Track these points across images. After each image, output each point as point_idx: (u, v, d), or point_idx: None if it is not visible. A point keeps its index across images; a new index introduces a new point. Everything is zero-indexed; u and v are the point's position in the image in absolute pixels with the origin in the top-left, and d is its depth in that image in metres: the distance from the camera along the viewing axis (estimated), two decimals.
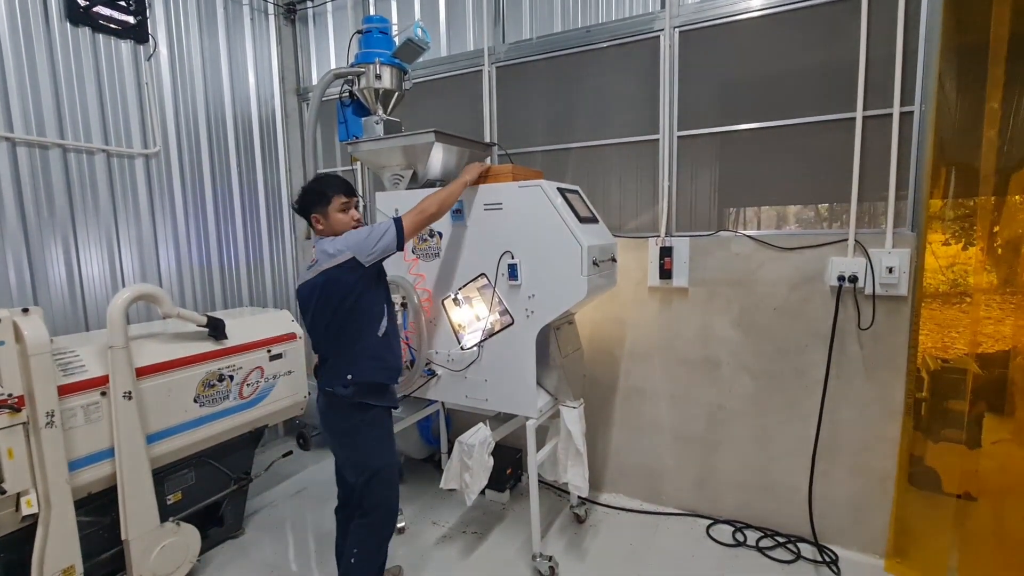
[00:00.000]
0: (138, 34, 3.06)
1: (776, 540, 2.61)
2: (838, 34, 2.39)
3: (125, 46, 3.02)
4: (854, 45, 2.34)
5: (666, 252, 2.75)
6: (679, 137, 2.76)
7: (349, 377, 1.90)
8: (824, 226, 2.56)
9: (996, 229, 2.21)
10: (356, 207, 2.00)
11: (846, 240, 2.41)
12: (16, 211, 2.59)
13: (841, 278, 2.37)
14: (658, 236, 2.80)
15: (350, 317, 1.88)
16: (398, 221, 1.91)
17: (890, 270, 2.28)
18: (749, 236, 2.61)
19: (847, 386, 2.46)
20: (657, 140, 2.80)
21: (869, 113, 2.34)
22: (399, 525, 2.76)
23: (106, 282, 2.95)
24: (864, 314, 2.38)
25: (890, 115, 2.30)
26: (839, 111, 2.41)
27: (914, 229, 2.32)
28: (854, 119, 2.36)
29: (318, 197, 1.91)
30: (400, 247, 1.91)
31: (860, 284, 2.34)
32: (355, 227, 1.95)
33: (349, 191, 1.96)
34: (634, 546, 2.63)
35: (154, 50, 3.15)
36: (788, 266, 2.54)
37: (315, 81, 4.01)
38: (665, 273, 2.76)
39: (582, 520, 2.80)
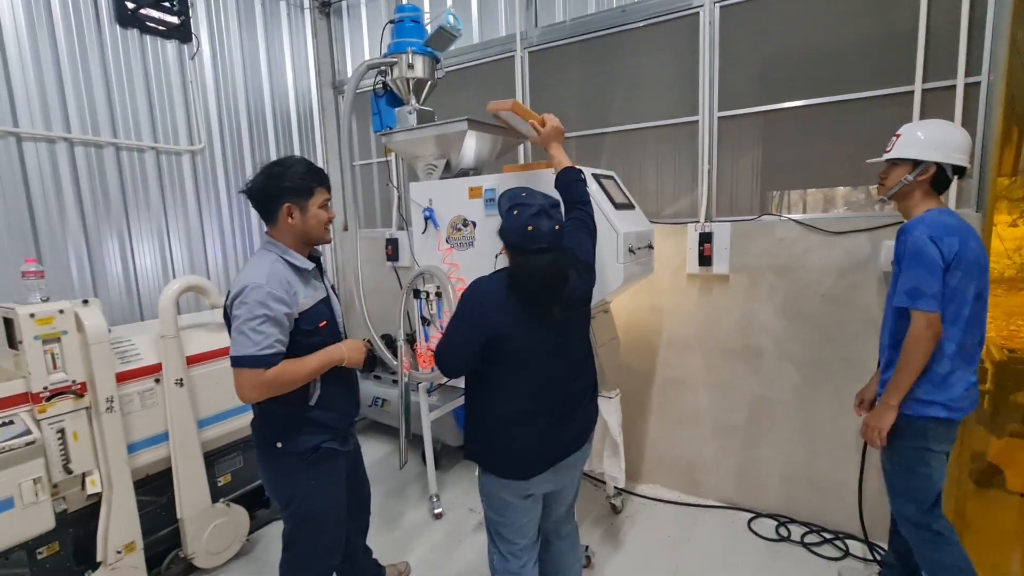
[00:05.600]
0: (182, 34, 3.16)
1: (823, 536, 2.52)
2: (894, 2, 2.22)
3: (170, 46, 3.13)
4: (913, 13, 2.18)
5: (706, 238, 2.66)
6: (720, 118, 2.65)
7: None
8: (876, 209, 2.42)
9: None
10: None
11: (901, 222, 2.26)
12: (76, 208, 2.74)
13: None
14: (697, 222, 2.71)
15: None
16: (246, 361, 1.48)
17: None
18: (795, 220, 2.49)
19: None
20: (696, 122, 2.70)
21: (929, 86, 2.18)
22: (436, 511, 2.80)
23: (158, 274, 3.10)
24: None
25: (953, 87, 2.14)
26: (895, 85, 2.26)
27: (979, 210, 2.16)
28: (912, 93, 2.21)
29: (301, 187, 1.60)
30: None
31: None
32: (327, 227, 1.68)
33: (329, 185, 1.69)
34: (672, 538, 2.59)
35: (197, 49, 3.25)
36: (837, 251, 2.42)
37: (350, 74, 4.06)
38: (705, 260, 2.68)
39: (618, 511, 2.77)
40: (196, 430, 2.29)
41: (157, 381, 2.22)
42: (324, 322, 1.67)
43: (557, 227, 1.53)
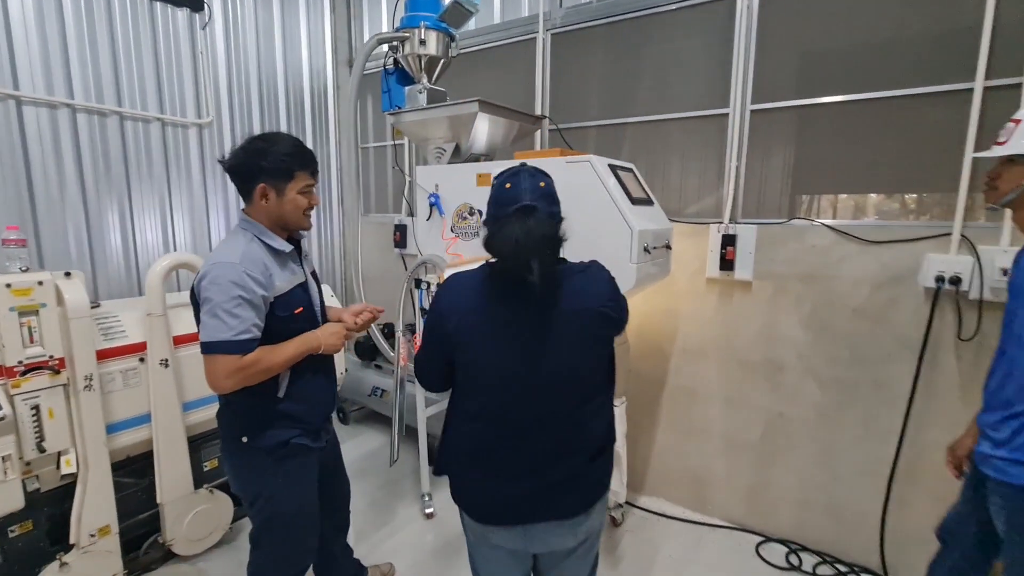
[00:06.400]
0: (194, 2, 3.06)
1: (837, 568, 2.33)
2: None
3: (181, 14, 3.03)
4: (979, 4, 1.95)
5: (729, 240, 2.48)
6: (752, 111, 2.45)
7: None
8: (911, 219, 2.21)
9: None
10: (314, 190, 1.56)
11: (949, 234, 2.05)
12: (76, 178, 2.67)
13: (940, 279, 2.02)
14: (721, 222, 2.52)
15: None
16: (221, 347, 1.37)
17: (1004, 272, 1.92)
18: (828, 226, 2.29)
19: (937, 404, 2.13)
20: (727, 114, 2.51)
21: (993, 83, 1.96)
22: (428, 511, 2.69)
23: (159, 248, 3.02)
24: (967, 322, 2.03)
25: (1019, 85, 1.91)
26: (951, 81, 2.04)
27: None
28: (971, 90, 1.99)
29: (280, 168, 1.46)
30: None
31: (964, 287, 1.99)
32: (307, 213, 1.54)
33: (316, 170, 1.55)
34: (674, 557, 2.43)
35: (209, 19, 3.15)
36: (874, 262, 2.21)
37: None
38: (726, 264, 2.49)
39: (618, 523, 2.63)
40: (181, 413, 2.20)
41: (142, 360, 2.13)
42: (300, 308, 1.55)
43: (542, 184, 1.23)
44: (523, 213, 1.18)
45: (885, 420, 2.23)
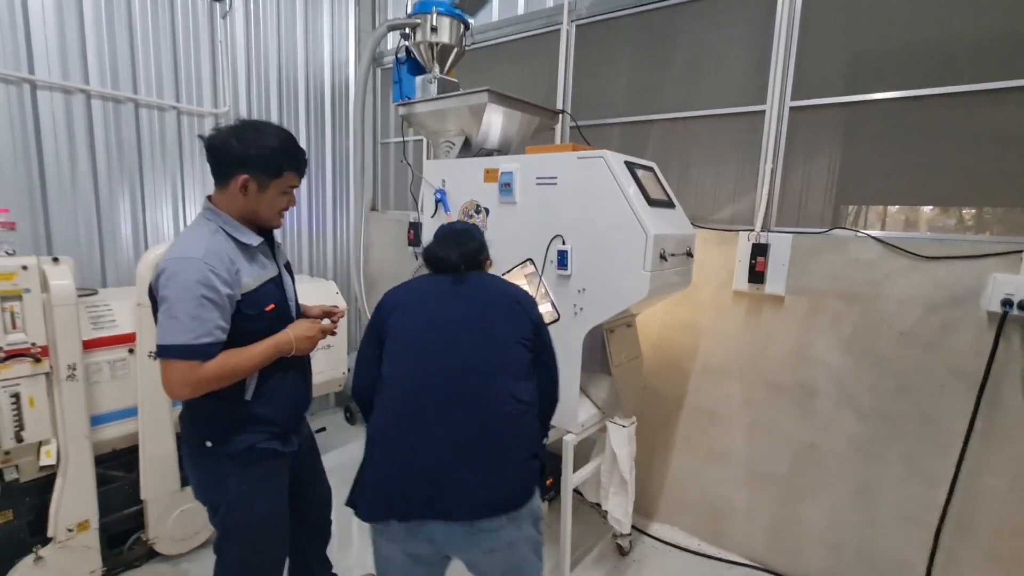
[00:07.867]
0: None
1: None
2: None
3: (201, 2, 3.00)
4: None
5: (760, 250, 2.25)
6: (791, 108, 2.22)
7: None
8: (970, 235, 1.94)
9: None
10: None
11: (1020, 251, 1.78)
12: (89, 164, 2.65)
13: (1007, 303, 1.75)
14: (752, 230, 2.30)
15: None
16: (179, 351, 1.26)
17: None
18: (875, 237, 2.04)
19: (998, 447, 1.85)
20: (763, 112, 2.28)
21: None
22: None
23: (170, 238, 2.99)
24: None
25: None
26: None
27: None
28: None
29: (269, 163, 1.35)
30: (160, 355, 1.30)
31: None
32: (281, 213, 1.46)
33: (304, 171, 1.47)
34: None
35: (230, 7, 3.11)
36: (927, 280, 1.95)
37: (391, 46, 3.85)
38: (756, 276, 2.26)
39: (625, 552, 2.42)
40: (169, 408, 2.13)
41: (131, 351, 2.07)
42: (271, 305, 1.43)
43: (471, 223, 1.66)
44: (453, 234, 1.53)
45: (934, 461, 1.97)
